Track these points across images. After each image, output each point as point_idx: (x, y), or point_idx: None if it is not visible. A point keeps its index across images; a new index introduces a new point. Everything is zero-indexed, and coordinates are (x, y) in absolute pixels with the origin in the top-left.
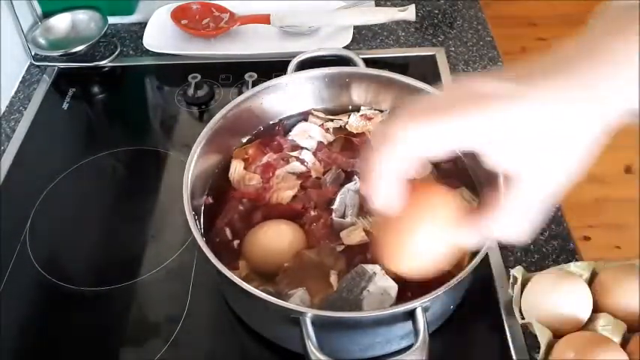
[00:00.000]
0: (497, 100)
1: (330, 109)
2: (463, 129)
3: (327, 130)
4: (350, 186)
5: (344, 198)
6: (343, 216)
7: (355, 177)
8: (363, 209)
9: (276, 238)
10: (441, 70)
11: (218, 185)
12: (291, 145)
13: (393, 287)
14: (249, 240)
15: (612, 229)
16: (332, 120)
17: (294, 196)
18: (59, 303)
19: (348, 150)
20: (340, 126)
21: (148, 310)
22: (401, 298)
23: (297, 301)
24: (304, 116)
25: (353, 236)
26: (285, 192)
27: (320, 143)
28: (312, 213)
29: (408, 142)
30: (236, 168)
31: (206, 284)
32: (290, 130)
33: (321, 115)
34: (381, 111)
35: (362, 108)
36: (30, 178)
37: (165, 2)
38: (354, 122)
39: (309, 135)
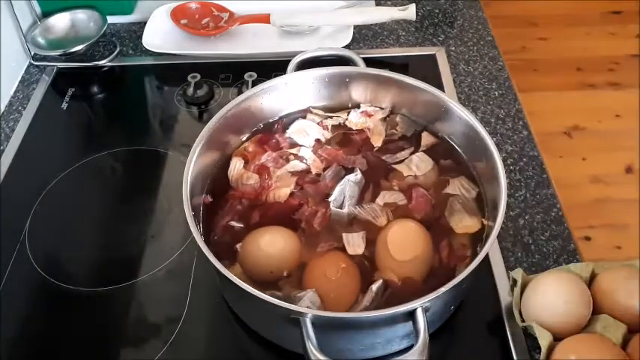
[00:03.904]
0: None
1: (329, 106)
2: None
3: (325, 127)
4: (350, 177)
5: (343, 188)
6: (341, 206)
7: (357, 169)
8: (361, 200)
9: (270, 248)
10: (441, 70)
11: (217, 184)
12: (289, 142)
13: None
14: (242, 249)
15: (613, 230)
16: (331, 117)
17: (292, 193)
18: (58, 303)
19: (347, 146)
20: (339, 123)
21: (147, 310)
22: (401, 298)
23: (307, 302)
24: (303, 114)
25: (356, 247)
26: (281, 190)
27: (317, 141)
28: (310, 207)
29: None
30: (236, 166)
31: (206, 284)
32: (288, 128)
33: (320, 112)
34: (382, 108)
35: (362, 105)
36: (29, 178)
37: (164, 2)
38: (354, 118)
39: (306, 132)
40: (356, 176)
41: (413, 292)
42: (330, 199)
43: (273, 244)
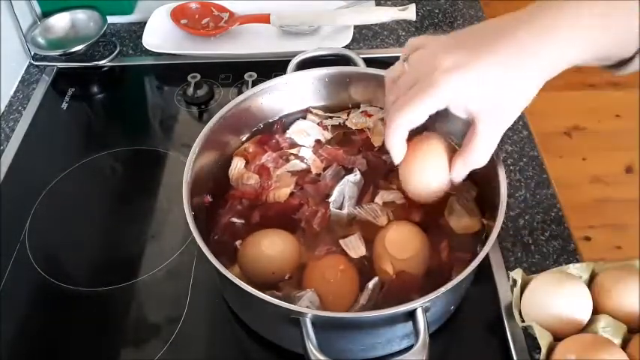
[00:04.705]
0: (454, 73)
1: (329, 106)
2: (436, 103)
3: (325, 127)
4: (350, 177)
5: (343, 189)
6: (341, 207)
7: (356, 169)
8: (361, 201)
9: (270, 250)
10: None
11: (217, 184)
12: (289, 143)
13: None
14: (242, 252)
15: (613, 230)
16: (331, 117)
17: (292, 193)
18: (58, 303)
19: (347, 146)
20: (339, 123)
21: (148, 310)
22: (397, 294)
23: (306, 302)
24: (303, 114)
25: (357, 249)
26: (281, 190)
27: (317, 141)
28: (309, 208)
29: (404, 125)
30: (237, 165)
31: (206, 284)
32: (288, 128)
33: (320, 112)
34: (382, 108)
35: (362, 105)
36: (29, 178)
37: (164, 2)
38: (354, 118)
39: (306, 133)
40: (355, 177)
41: (409, 287)
42: (330, 199)
43: (273, 247)
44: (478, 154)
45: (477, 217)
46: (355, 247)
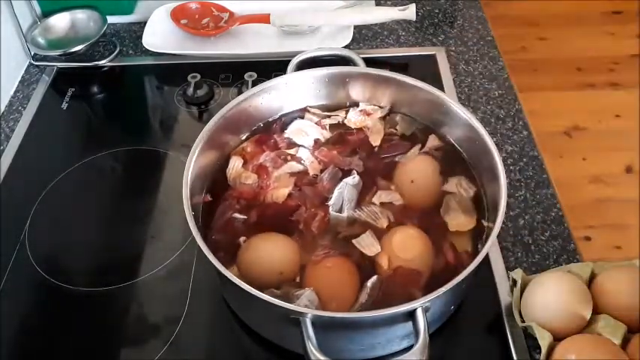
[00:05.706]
0: None
1: (328, 106)
2: None
3: (323, 126)
4: (348, 180)
5: (342, 192)
6: (340, 210)
7: (354, 172)
8: (360, 203)
9: (268, 256)
10: (441, 70)
11: (217, 184)
12: (287, 142)
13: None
14: (242, 256)
15: (613, 230)
16: (329, 116)
17: (289, 194)
18: (58, 303)
19: (345, 146)
20: (338, 122)
21: (148, 310)
22: (400, 293)
23: (305, 301)
24: (302, 114)
25: (371, 247)
26: (279, 190)
27: (316, 141)
28: (308, 210)
29: None
30: (234, 165)
31: (206, 284)
32: (287, 128)
33: (318, 112)
34: (381, 107)
35: (360, 103)
36: (29, 178)
37: (164, 2)
38: (352, 117)
39: (305, 132)
40: (353, 179)
41: (407, 282)
42: (329, 202)
43: (276, 249)
44: None
45: (473, 215)
46: (369, 244)
